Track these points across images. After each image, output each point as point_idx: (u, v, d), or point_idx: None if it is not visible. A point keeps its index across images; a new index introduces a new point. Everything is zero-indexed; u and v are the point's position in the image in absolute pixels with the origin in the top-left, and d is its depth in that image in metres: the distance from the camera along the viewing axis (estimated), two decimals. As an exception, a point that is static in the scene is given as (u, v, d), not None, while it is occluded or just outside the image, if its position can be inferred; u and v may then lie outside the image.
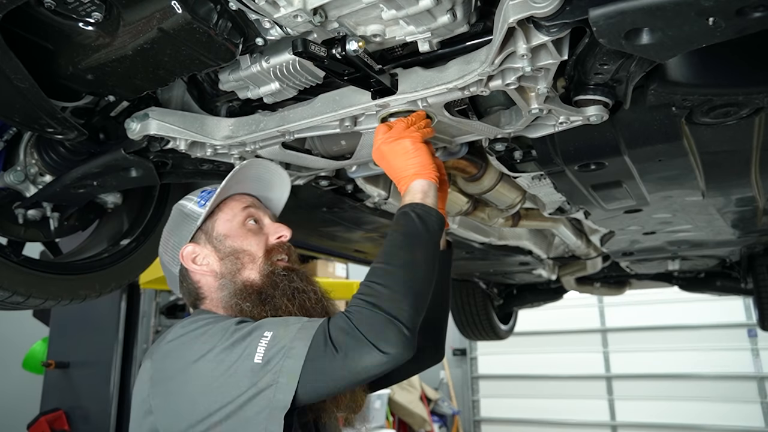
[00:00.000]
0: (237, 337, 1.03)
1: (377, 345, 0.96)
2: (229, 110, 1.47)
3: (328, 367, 0.97)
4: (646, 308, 8.43)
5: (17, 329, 5.27)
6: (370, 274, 1.06)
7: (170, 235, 1.31)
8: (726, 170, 1.68)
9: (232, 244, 1.25)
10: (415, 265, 1.07)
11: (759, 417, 7.57)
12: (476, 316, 4.75)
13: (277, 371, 0.97)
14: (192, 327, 1.10)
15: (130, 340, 4.43)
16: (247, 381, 0.98)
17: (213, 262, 1.24)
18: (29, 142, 1.61)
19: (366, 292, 1.03)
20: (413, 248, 1.09)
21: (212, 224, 1.27)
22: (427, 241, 1.11)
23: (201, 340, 1.06)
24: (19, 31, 1.07)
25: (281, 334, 1.01)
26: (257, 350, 0.99)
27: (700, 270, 4.11)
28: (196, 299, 1.27)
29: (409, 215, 1.12)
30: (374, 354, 0.96)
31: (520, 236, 2.75)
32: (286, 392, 0.96)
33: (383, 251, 1.09)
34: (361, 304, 1.01)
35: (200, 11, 1.01)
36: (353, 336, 0.97)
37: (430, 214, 1.14)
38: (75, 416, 4.36)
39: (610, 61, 1.07)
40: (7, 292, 1.51)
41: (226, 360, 1.01)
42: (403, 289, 1.02)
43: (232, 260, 1.23)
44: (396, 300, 1.01)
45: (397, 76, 1.18)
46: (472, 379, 9.72)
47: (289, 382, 0.96)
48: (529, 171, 1.74)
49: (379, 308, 0.99)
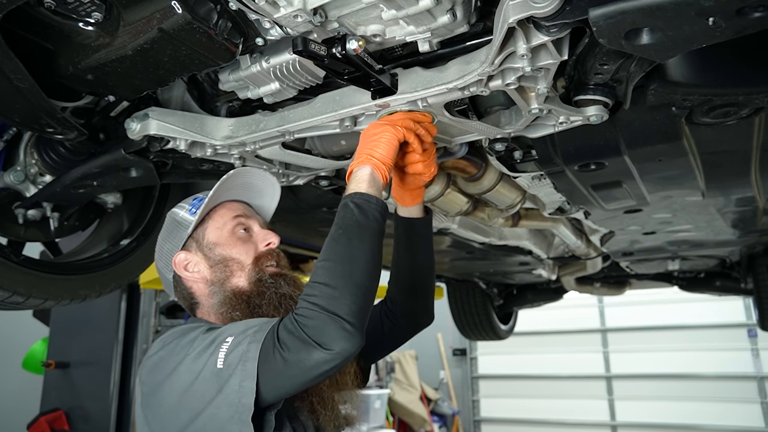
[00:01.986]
0: (203, 345, 1.07)
1: (321, 344, 0.99)
2: (229, 110, 1.47)
3: (280, 368, 1.00)
4: (646, 308, 8.42)
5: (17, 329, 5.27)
6: (314, 274, 1.08)
7: (164, 241, 1.33)
8: (726, 170, 1.68)
9: (221, 252, 1.27)
10: (353, 258, 1.07)
11: (759, 417, 7.57)
12: (476, 316, 4.75)
13: (238, 375, 1.01)
14: (169, 339, 1.15)
15: (130, 340, 4.43)
16: (213, 387, 1.02)
17: (204, 269, 1.26)
18: (29, 142, 1.61)
19: (308, 292, 1.04)
20: (351, 240, 1.09)
21: (203, 232, 1.29)
22: (366, 230, 1.11)
23: (175, 352, 1.10)
24: (19, 31, 1.07)
25: (239, 339, 1.04)
26: (219, 356, 1.03)
27: (700, 270, 4.11)
28: (191, 304, 1.30)
29: (347, 206, 1.12)
30: (319, 352, 0.99)
31: (520, 236, 2.75)
32: (248, 395, 1.00)
33: (325, 247, 1.10)
34: (303, 304, 1.03)
35: (200, 11, 1.01)
36: (298, 336, 1.00)
37: (369, 202, 1.13)
38: (75, 416, 4.36)
39: (610, 61, 1.07)
40: (7, 292, 1.51)
41: (195, 368, 1.05)
42: (341, 284, 1.04)
43: (221, 268, 1.26)
44: (335, 297, 1.02)
45: (397, 76, 1.18)
46: (472, 379, 9.72)
47: (249, 385, 1.00)
48: (529, 171, 1.74)
49: (319, 307, 1.01)
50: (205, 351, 1.06)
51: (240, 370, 1.01)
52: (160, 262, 1.33)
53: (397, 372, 7.94)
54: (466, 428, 9.39)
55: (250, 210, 1.38)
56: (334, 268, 1.06)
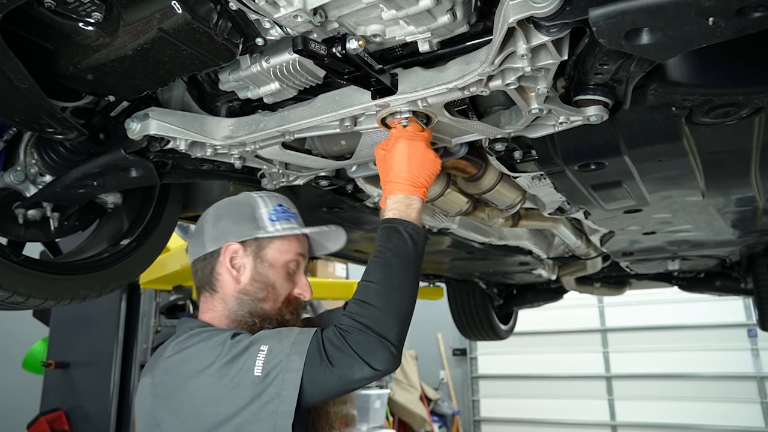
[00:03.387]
0: (235, 351, 1.10)
1: (369, 362, 1.06)
2: (229, 110, 1.47)
3: (324, 379, 1.07)
4: (646, 308, 8.42)
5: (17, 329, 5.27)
6: (363, 293, 1.14)
7: (228, 215, 1.33)
8: (726, 170, 1.68)
9: (269, 275, 1.30)
10: (406, 288, 1.15)
11: (759, 417, 7.57)
12: (476, 317, 4.75)
13: (279, 384, 1.05)
14: (189, 343, 1.16)
15: (130, 340, 4.43)
16: (249, 393, 1.06)
17: (246, 275, 1.29)
18: (29, 142, 1.61)
19: (359, 312, 1.11)
20: (405, 271, 1.16)
21: (267, 244, 1.31)
22: (415, 263, 1.19)
23: (200, 355, 1.12)
24: (19, 31, 1.07)
25: (277, 348, 1.09)
26: (256, 364, 1.07)
27: (700, 270, 4.11)
28: (206, 285, 1.31)
29: (402, 234, 1.18)
30: (365, 369, 1.07)
31: (520, 236, 2.75)
32: (289, 404, 1.05)
33: (377, 269, 1.16)
34: (355, 324, 1.09)
35: (200, 11, 1.01)
36: (347, 353, 1.07)
37: (419, 233, 1.20)
38: (75, 416, 4.36)
39: (610, 61, 1.07)
40: (7, 292, 1.51)
41: (227, 373, 1.07)
42: (394, 311, 1.11)
43: (261, 287, 1.29)
44: (387, 323, 1.10)
45: (397, 76, 1.18)
46: (472, 379, 9.72)
47: (291, 394, 1.05)
48: (529, 171, 1.74)
49: (372, 330, 1.08)
50: (238, 357, 1.08)
51: (281, 379, 1.06)
52: (211, 229, 1.32)
53: (397, 372, 7.94)
54: (466, 428, 9.39)
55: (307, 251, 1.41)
56: (387, 295, 1.12)
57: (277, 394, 1.05)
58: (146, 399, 1.16)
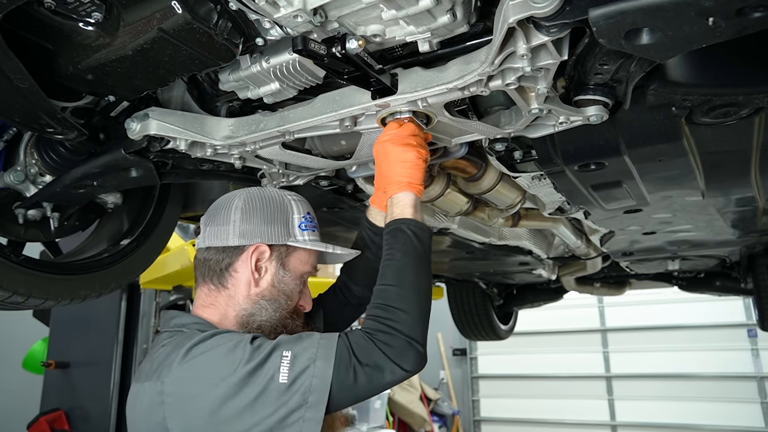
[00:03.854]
0: (258, 358, 1.05)
1: (399, 364, 1.07)
2: (229, 110, 1.47)
3: (353, 384, 1.06)
4: (646, 308, 8.42)
5: (17, 329, 5.26)
6: (383, 297, 1.14)
7: (262, 213, 1.26)
8: (726, 170, 1.68)
9: (288, 283, 1.27)
10: (421, 285, 1.17)
11: (759, 417, 7.57)
12: (476, 317, 4.75)
13: (305, 391, 1.03)
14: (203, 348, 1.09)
15: (130, 340, 4.43)
16: (275, 401, 1.02)
17: (266, 279, 1.25)
18: (29, 142, 1.61)
19: (384, 315, 1.12)
20: (418, 269, 1.18)
21: (292, 251, 1.28)
22: (425, 258, 1.21)
23: (219, 362, 1.06)
24: (19, 31, 1.07)
25: (301, 354, 1.07)
26: (281, 370, 1.04)
27: (700, 270, 4.11)
28: (214, 278, 1.24)
29: (405, 233, 1.19)
30: (396, 371, 1.08)
31: (520, 236, 2.75)
32: (318, 411, 1.03)
33: (391, 272, 1.17)
34: (382, 327, 1.10)
35: (200, 11, 1.01)
36: (377, 356, 1.07)
37: (424, 230, 1.22)
38: (75, 416, 4.36)
39: (610, 61, 1.07)
40: (7, 292, 1.51)
41: (251, 382, 1.03)
42: (416, 311, 1.13)
43: (278, 294, 1.25)
44: (412, 323, 1.11)
45: (397, 76, 1.18)
46: (472, 379, 9.72)
47: (320, 400, 1.04)
48: (529, 171, 1.74)
49: (400, 332, 1.09)
50: (262, 365, 1.04)
51: (308, 385, 1.04)
52: (241, 223, 1.24)
53: (397, 372, 7.92)
54: (466, 428, 9.38)
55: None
56: (406, 295, 1.14)
57: (304, 401, 1.03)
58: (153, 408, 1.08)
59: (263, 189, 1.33)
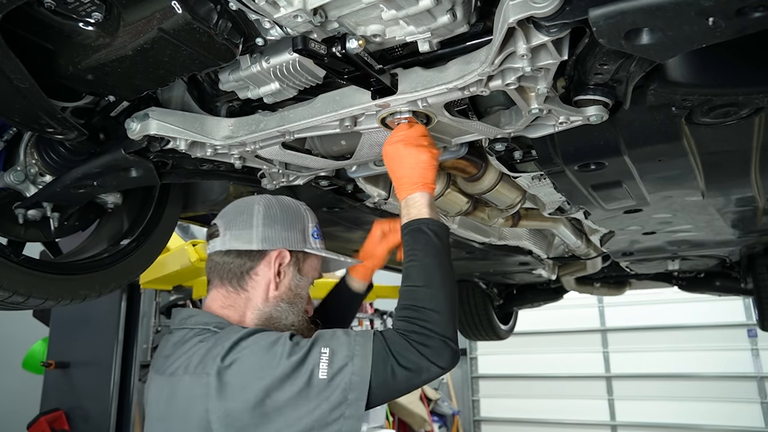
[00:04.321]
0: (299, 355, 1.10)
1: (436, 362, 1.11)
2: (229, 110, 1.47)
3: (391, 381, 1.10)
4: (646, 308, 8.42)
5: (17, 329, 5.26)
6: (412, 298, 1.17)
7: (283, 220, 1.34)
8: (726, 170, 1.68)
9: (302, 287, 1.37)
10: (447, 282, 1.20)
11: (759, 417, 7.58)
12: (476, 317, 4.75)
13: (346, 388, 1.07)
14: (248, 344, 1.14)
15: (130, 340, 4.43)
16: (316, 397, 1.07)
17: (285, 283, 1.33)
18: (29, 142, 1.61)
19: (416, 316, 1.14)
20: (441, 266, 1.21)
21: (305, 257, 1.38)
22: (447, 255, 1.24)
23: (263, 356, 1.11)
24: (19, 31, 1.07)
25: (339, 350, 1.11)
26: (321, 367, 1.08)
27: (700, 270, 4.11)
28: (233, 280, 1.30)
29: (426, 233, 1.22)
30: (433, 369, 1.11)
31: (520, 236, 2.75)
32: (358, 407, 1.07)
33: (416, 272, 1.19)
34: (415, 328, 1.12)
35: (200, 11, 1.01)
36: (415, 356, 1.10)
37: (440, 226, 1.24)
38: (75, 416, 4.36)
39: (610, 61, 1.07)
40: (7, 292, 1.51)
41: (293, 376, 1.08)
42: (446, 309, 1.16)
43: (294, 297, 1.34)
44: (443, 322, 1.14)
45: (397, 76, 1.18)
46: (472, 379, 9.73)
47: (360, 397, 1.07)
48: (529, 171, 1.74)
49: (434, 332, 1.12)
50: (303, 361, 1.09)
51: (348, 382, 1.07)
52: (264, 228, 1.31)
53: (397, 372, 7.92)
54: (466, 428, 9.39)
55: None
56: (435, 294, 1.17)
57: (344, 398, 1.06)
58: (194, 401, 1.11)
59: (279, 197, 1.41)
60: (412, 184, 1.25)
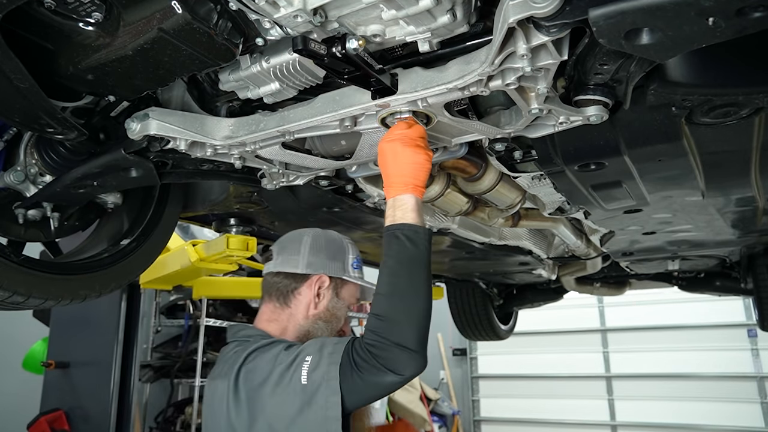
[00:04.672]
0: (287, 362, 1.27)
1: (393, 370, 1.16)
2: (229, 110, 1.47)
3: (357, 387, 1.19)
4: (646, 308, 8.42)
5: (17, 329, 5.26)
6: (376, 306, 1.22)
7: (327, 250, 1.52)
8: (726, 170, 1.68)
9: (341, 309, 1.52)
10: (413, 289, 1.21)
11: (759, 417, 7.57)
12: (476, 317, 4.74)
13: (323, 392, 1.19)
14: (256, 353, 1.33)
15: (130, 340, 4.44)
16: (299, 400, 1.21)
17: (322, 304, 1.49)
18: (29, 142, 1.61)
19: (376, 325, 1.19)
20: (411, 274, 1.22)
21: (345, 284, 1.53)
22: (420, 262, 1.23)
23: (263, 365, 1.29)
24: (19, 31, 1.07)
25: (317, 359, 1.24)
26: (302, 373, 1.22)
27: (700, 270, 4.10)
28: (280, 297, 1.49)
29: (399, 239, 1.23)
30: (392, 376, 1.17)
31: (520, 236, 2.75)
32: (335, 409, 1.19)
33: (383, 280, 1.23)
34: (372, 336, 1.18)
35: (200, 11, 1.01)
36: (372, 364, 1.17)
37: (418, 233, 1.23)
38: (75, 416, 4.36)
39: (610, 61, 1.07)
40: (8, 292, 1.51)
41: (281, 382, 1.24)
42: (406, 317, 1.19)
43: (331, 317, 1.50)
44: (402, 330, 1.17)
45: (397, 76, 1.18)
46: (472, 379, 9.72)
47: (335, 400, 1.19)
48: (529, 171, 1.74)
49: (388, 340, 1.16)
50: (288, 368, 1.25)
51: (324, 387, 1.19)
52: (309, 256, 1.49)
53: (397, 372, 7.92)
54: (466, 428, 9.39)
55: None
56: (397, 303, 1.20)
57: (324, 400, 1.19)
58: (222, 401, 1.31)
59: (327, 231, 1.60)
60: (404, 184, 1.25)
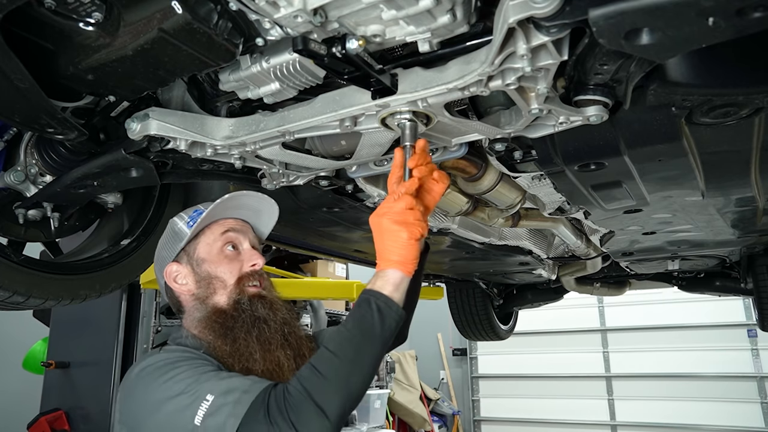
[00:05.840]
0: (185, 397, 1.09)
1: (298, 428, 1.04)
2: (229, 110, 1.47)
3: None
4: (646, 308, 8.42)
5: (17, 329, 5.27)
6: (318, 359, 1.13)
7: (162, 248, 1.40)
8: (726, 170, 1.68)
9: (207, 269, 1.33)
10: (358, 363, 1.13)
11: (759, 417, 7.57)
12: (476, 317, 4.75)
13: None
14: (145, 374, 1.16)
15: (130, 340, 4.43)
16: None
17: (191, 282, 1.33)
18: (29, 143, 1.61)
19: (305, 375, 1.10)
20: (364, 346, 1.14)
21: (195, 246, 1.35)
22: (378, 339, 1.15)
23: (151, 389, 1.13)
24: (19, 31, 1.07)
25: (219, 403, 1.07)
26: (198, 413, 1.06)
27: (700, 270, 4.11)
28: (179, 311, 1.37)
29: (370, 306, 1.16)
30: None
31: (520, 236, 2.75)
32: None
33: (336, 338, 1.15)
34: (297, 385, 1.09)
35: (200, 12, 1.01)
36: (284, 417, 1.05)
37: (391, 309, 1.17)
38: (75, 416, 4.36)
39: (610, 62, 1.07)
40: (8, 292, 1.51)
41: (172, 420, 1.08)
42: (338, 385, 1.09)
43: (205, 284, 1.31)
44: (330, 394, 1.08)
45: (397, 76, 1.18)
46: (472, 379, 9.72)
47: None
48: (529, 171, 1.74)
49: (312, 398, 1.07)
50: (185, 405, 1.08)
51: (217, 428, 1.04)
52: (157, 267, 1.40)
53: (397, 372, 7.94)
54: (466, 428, 9.39)
55: (245, 227, 1.41)
56: (338, 366, 1.11)
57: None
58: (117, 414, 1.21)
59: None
60: (388, 261, 1.20)
